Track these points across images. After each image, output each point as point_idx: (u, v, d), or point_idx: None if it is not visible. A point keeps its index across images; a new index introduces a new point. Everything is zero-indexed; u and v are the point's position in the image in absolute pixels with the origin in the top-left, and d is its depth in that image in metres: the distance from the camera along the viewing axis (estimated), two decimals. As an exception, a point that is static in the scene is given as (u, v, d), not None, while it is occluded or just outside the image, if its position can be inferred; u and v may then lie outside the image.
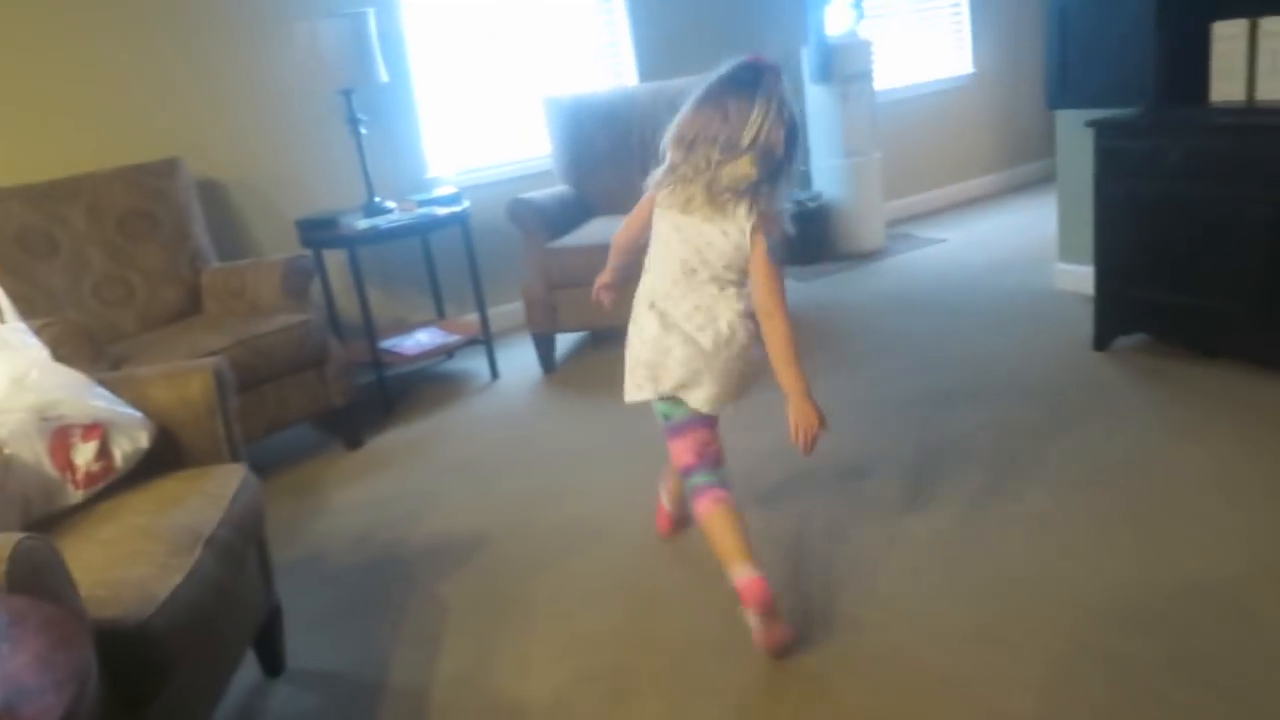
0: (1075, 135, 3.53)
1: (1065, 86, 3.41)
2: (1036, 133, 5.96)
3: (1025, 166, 6.06)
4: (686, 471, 2.08)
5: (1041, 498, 2.41)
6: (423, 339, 3.86)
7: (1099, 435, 2.69)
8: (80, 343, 2.64)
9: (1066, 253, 3.89)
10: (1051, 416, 2.85)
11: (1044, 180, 5.70)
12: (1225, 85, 2.95)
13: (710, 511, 1.99)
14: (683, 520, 2.41)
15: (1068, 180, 3.77)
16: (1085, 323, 3.33)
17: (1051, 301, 3.83)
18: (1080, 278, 3.71)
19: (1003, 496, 2.44)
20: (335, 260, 3.85)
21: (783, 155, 1.86)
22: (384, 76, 3.69)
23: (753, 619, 1.88)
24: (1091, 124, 3.12)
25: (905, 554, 2.25)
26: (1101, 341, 3.27)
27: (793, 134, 1.86)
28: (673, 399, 2.05)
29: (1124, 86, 3.14)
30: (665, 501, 2.45)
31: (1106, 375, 3.10)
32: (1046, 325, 3.59)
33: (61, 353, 2.17)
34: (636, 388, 2.07)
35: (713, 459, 2.09)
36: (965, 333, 3.64)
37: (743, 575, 1.88)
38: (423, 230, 3.80)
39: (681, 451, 2.08)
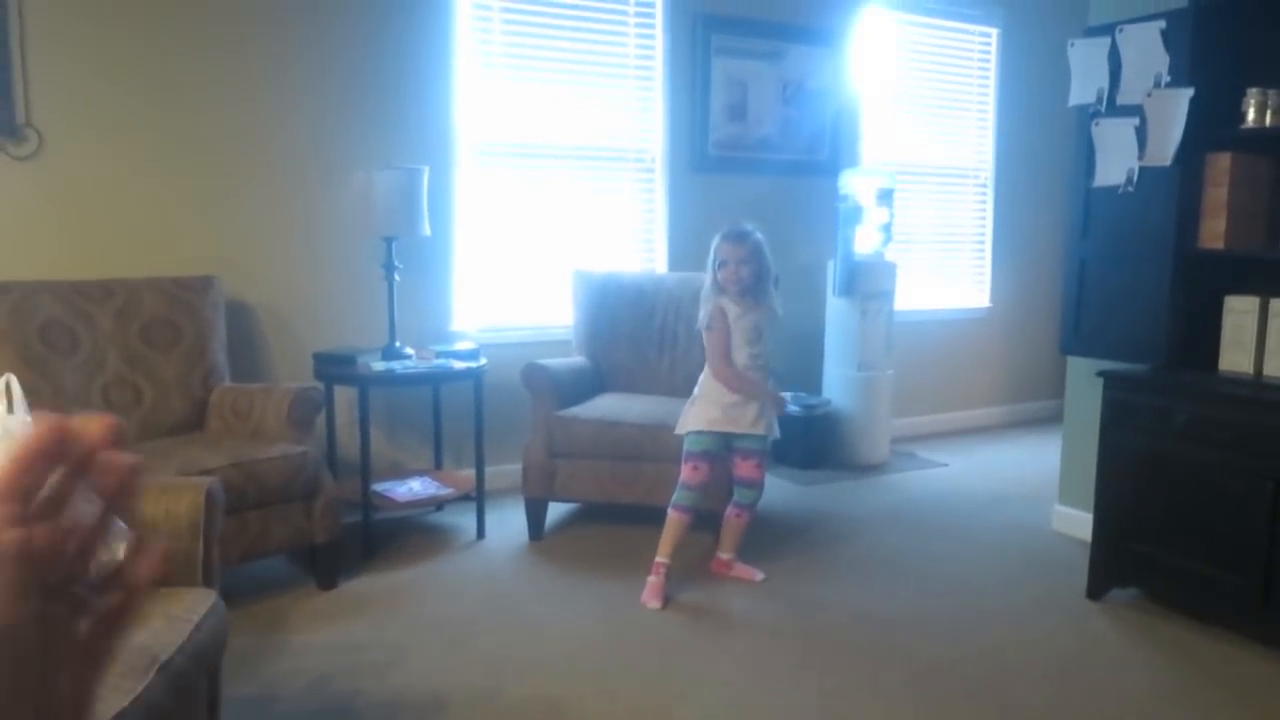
0: (1085, 382, 3.60)
1: (1079, 334, 3.50)
2: (1047, 372, 6.08)
3: (1033, 403, 6.15)
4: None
5: (1023, 747, 2.32)
6: (415, 487, 3.83)
7: (1086, 689, 2.62)
8: (79, 442, 2.64)
9: (1066, 496, 3.89)
10: (1039, 661, 2.78)
11: (1050, 420, 5.77)
12: (1235, 356, 3.03)
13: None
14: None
15: (1074, 424, 3.82)
16: (1080, 569, 3.30)
17: (1047, 542, 3.81)
18: (1078, 522, 3.70)
19: (983, 740, 2.35)
20: (344, 396, 3.89)
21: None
22: (427, 230, 3.83)
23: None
24: (1102, 374, 3.18)
25: (876, 788, 2.15)
26: (1095, 591, 3.23)
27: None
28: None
29: (1136, 343, 3.23)
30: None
31: (1098, 627, 3.04)
32: (1040, 566, 3.55)
33: (59, 450, 2.16)
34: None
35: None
36: (958, 560, 3.60)
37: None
38: (436, 380, 3.85)
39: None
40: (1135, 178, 3.25)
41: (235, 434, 3.33)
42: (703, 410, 3.20)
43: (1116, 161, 3.31)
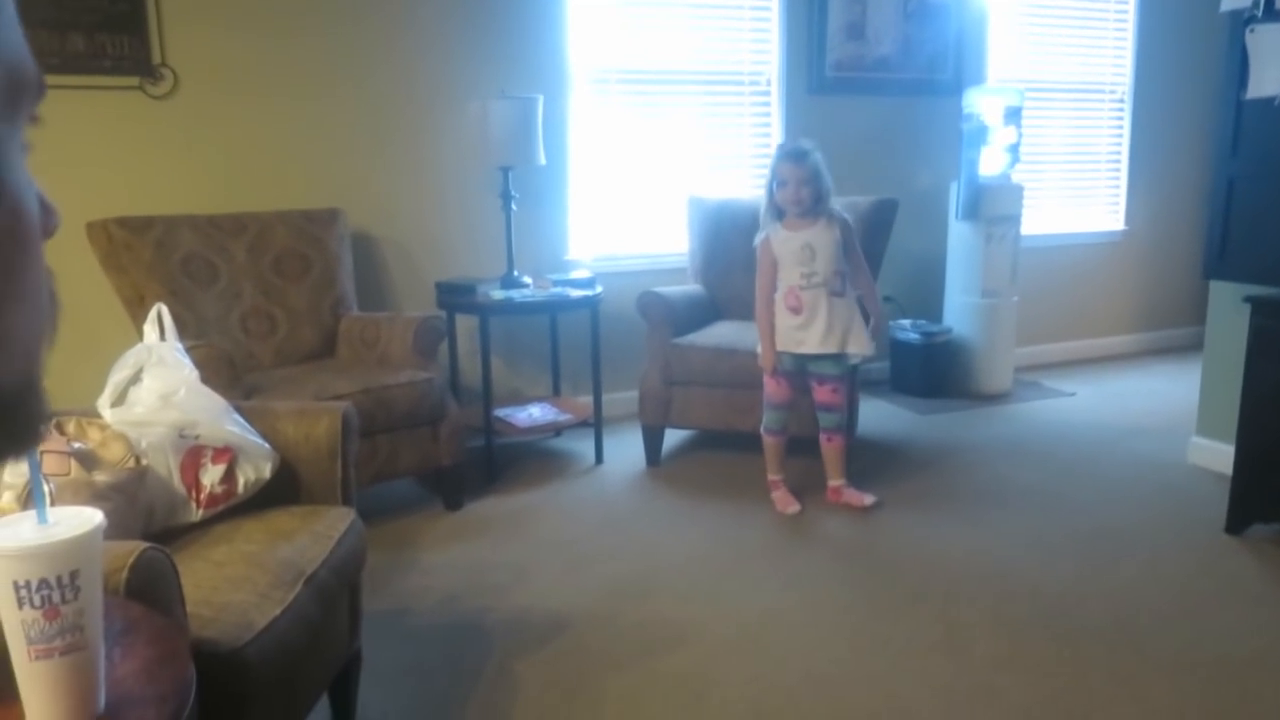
0: (1229, 308, 3.41)
1: (1225, 258, 3.31)
2: (1185, 299, 5.79)
3: (1169, 331, 5.86)
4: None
5: (1154, 683, 2.26)
6: (535, 413, 3.92)
7: (1225, 627, 2.53)
8: (221, 368, 2.78)
9: (1205, 427, 3.72)
10: (1174, 598, 2.70)
11: (1187, 348, 5.50)
12: (1400, 280, 2.82)
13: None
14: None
15: (1215, 352, 3.63)
16: (1219, 504, 3.16)
17: (1183, 475, 3.66)
18: (1218, 455, 3.53)
19: (1110, 674, 2.30)
20: (465, 325, 3.98)
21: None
22: (542, 159, 3.84)
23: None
24: (1249, 299, 3.01)
25: (996, 717, 2.13)
26: (1235, 525, 3.09)
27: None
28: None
29: (1289, 266, 3.04)
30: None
31: (1238, 563, 2.92)
32: (1175, 500, 3.42)
33: (203, 375, 2.28)
34: None
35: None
36: (1085, 495, 3.49)
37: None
38: (553, 309, 3.90)
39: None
40: (1295, 88, 3.02)
41: (364, 361, 3.46)
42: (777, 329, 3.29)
43: (1273, 71, 3.07)
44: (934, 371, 4.78)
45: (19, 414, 0.41)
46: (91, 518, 1.03)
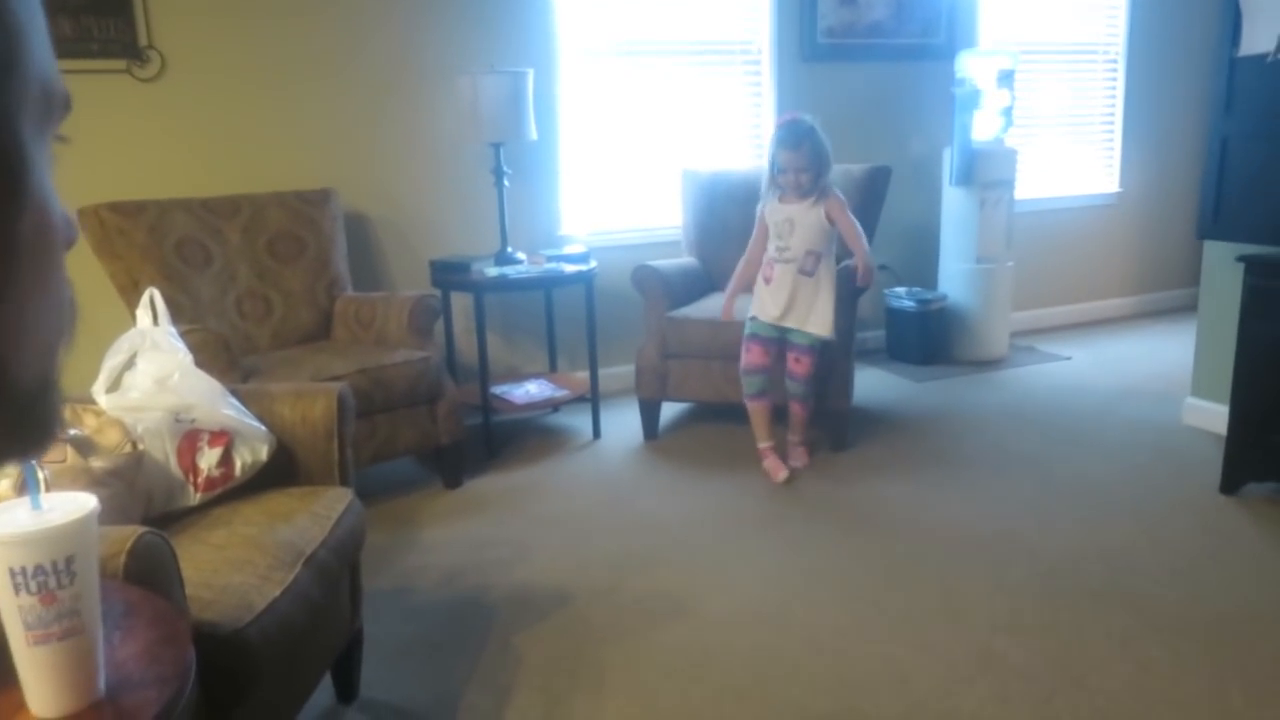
0: (1223, 268, 3.41)
1: (1219, 217, 3.30)
2: (1180, 260, 5.78)
3: (1163, 293, 5.86)
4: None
5: (1151, 643, 2.29)
6: (532, 390, 3.93)
7: (1220, 586, 2.55)
8: (218, 351, 2.78)
9: (1200, 388, 3.73)
10: (1170, 558, 2.72)
11: (1182, 310, 5.51)
12: (1394, 237, 2.82)
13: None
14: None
15: (1210, 313, 3.63)
16: (1213, 463, 3.18)
17: (1178, 436, 3.67)
18: (1212, 415, 3.55)
19: (1108, 635, 2.32)
20: (461, 303, 3.98)
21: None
22: (534, 134, 3.83)
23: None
24: (1243, 259, 3.00)
25: (996, 679, 2.16)
26: (1230, 485, 3.11)
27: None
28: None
29: (1282, 226, 3.03)
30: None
31: (1233, 522, 2.94)
32: (1170, 461, 3.43)
33: (200, 359, 2.28)
34: None
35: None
36: (1082, 457, 3.51)
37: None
38: (548, 285, 3.90)
39: None
40: (1287, 45, 3.00)
41: (360, 341, 3.46)
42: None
43: (1266, 26, 3.06)
44: (930, 339, 4.79)
45: (34, 414, 0.42)
46: (86, 503, 1.03)
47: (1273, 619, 2.38)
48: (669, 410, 4.03)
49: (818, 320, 3.31)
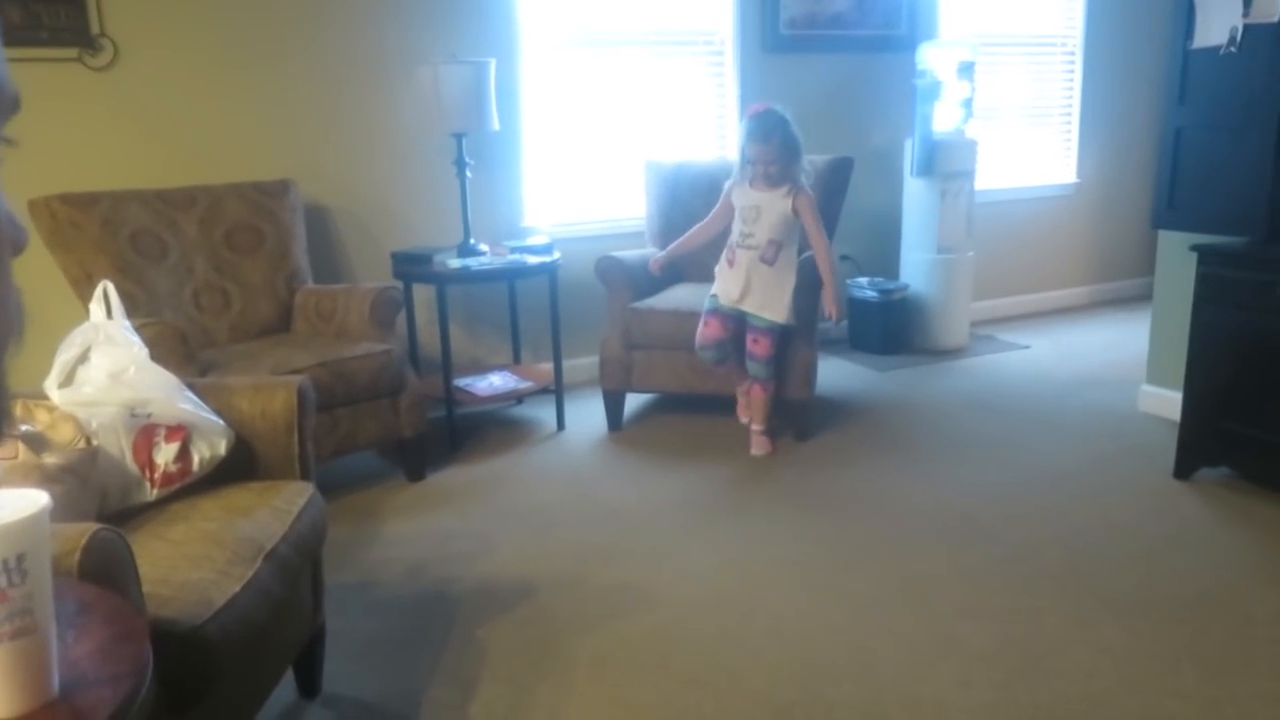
0: (1177, 258, 3.47)
1: (1173, 207, 3.36)
2: (1135, 250, 5.87)
3: (1120, 282, 5.96)
4: None
5: (1108, 625, 2.33)
6: (496, 382, 3.91)
7: (1174, 569, 2.60)
8: (175, 345, 2.74)
9: (1155, 375, 3.80)
10: (1126, 543, 2.76)
11: (1138, 298, 5.59)
12: (1341, 226, 2.88)
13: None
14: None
15: (1164, 302, 3.69)
16: (1168, 449, 3.24)
17: (1134, 423, 3.74)
18: (1167, 402, 3.61)
19: (1066, 618, 2.36)
20: (423, 295, 3.95)
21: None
22: (496, 125, 3.80)
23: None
24: (1196, 248, 3.06)
25: (958, 663, 2.19)
26: (1184, 470, 3.17)
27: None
28: None
29: (1234, 215, 3.09)
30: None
31: (1187, 507, 2.99)
32: (1126, 447, 3.49)
33: (156, 353, 2.24)
34: None
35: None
36: (1041, 444, 3.56)
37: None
38: (511, 276, 3.88)
39: None
40: (1239, 37, 3.05)
41: (321, 334, 3.42)
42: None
43: (1218, 19, 3.11)
44: (891, 328, 4.83)
45: None
46: (37, 500, 1.01)
47: (1224, 600, 2.43)
48: (633, 401, 4.03)
49: (775, 307, 3.36)
